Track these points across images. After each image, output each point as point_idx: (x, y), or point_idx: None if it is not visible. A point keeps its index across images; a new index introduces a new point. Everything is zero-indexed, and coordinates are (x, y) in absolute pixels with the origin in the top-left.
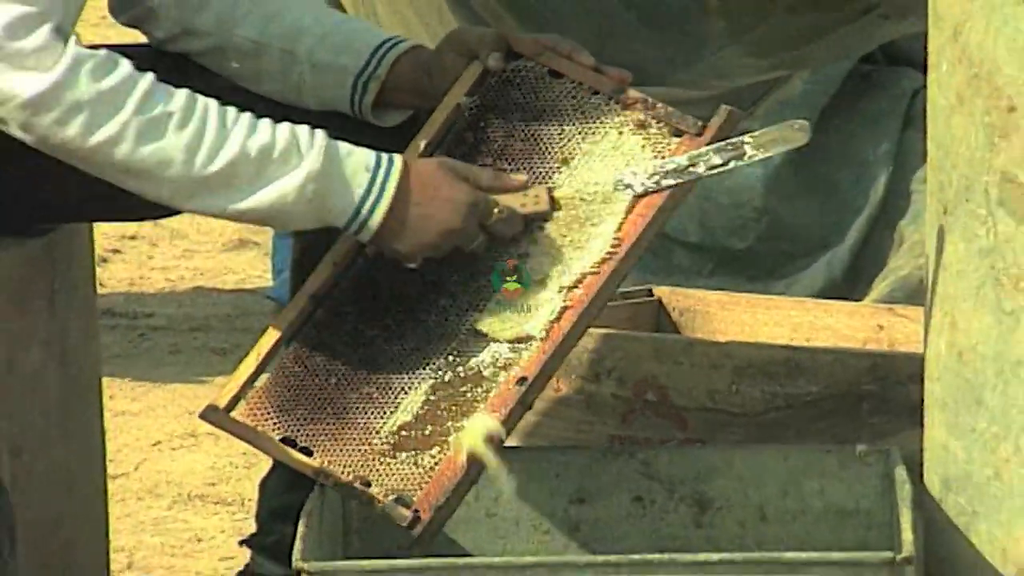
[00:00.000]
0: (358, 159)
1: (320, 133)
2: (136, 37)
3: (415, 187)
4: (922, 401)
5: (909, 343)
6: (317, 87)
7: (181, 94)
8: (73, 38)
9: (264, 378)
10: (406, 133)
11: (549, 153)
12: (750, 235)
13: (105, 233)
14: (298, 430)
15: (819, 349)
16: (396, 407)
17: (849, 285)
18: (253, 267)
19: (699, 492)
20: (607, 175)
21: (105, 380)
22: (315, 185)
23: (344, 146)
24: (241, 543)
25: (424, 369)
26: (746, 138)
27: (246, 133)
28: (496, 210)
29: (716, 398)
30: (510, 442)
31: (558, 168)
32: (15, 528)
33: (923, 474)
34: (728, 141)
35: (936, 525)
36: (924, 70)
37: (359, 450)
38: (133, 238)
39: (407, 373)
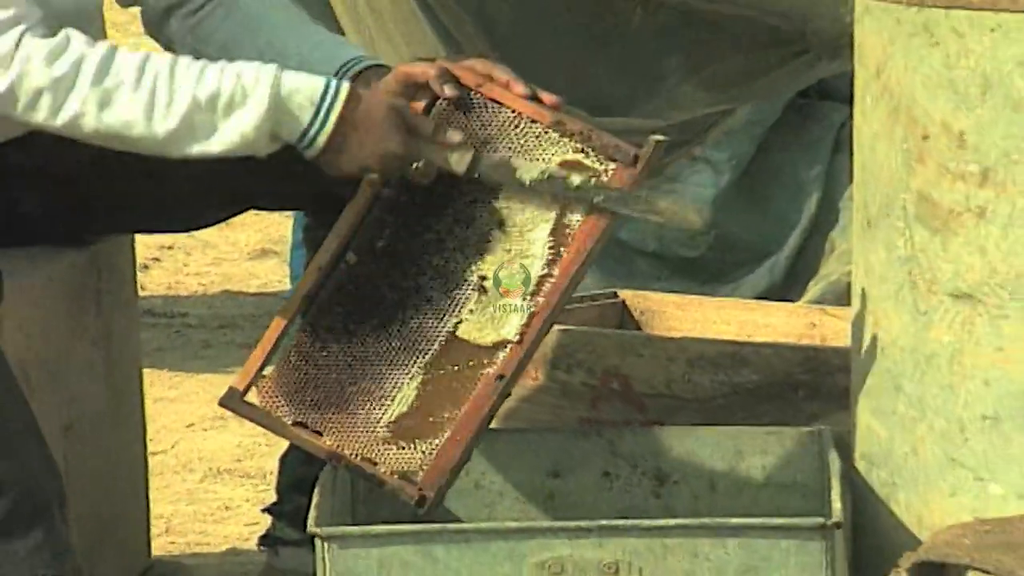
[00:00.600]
0: (305, 94)
1: (267, 71)
2: None
3: (359, 117)
4: (849, 389)
5: (838, 338)
6: None
7: (133, 59)
8: (28, 32)
9: (271, 368)
10: None
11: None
12: (701, 246)
13: (145, 243)
14: (308, 415)
15: (760, 343)
16: (392, 399)
17: (786, 288)
18: (274, 273)
19: (658, 467)
20: (546, 198)
21: (145, 371)
22: (268, 122)
23: (290, 81)
24: (263, 511)
25: (412, 367)
26: (659, 204)
27: (194, 85)
28: (419, 162)
29: (672, 386)
30: (494, 425)
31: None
32: (66, 498)
33: (851, 452)
34: (646, 199)
35: (862, 495)
36: (850, 103)
37: (364, 436)
38: (170, 248)
39: (397, 369)
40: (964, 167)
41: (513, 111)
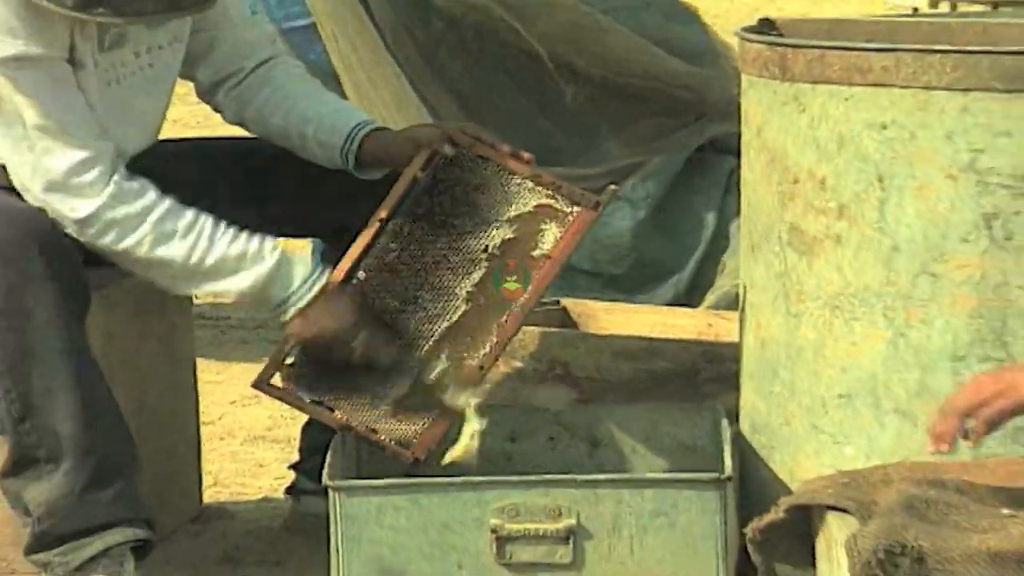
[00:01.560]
0: (290, 275)
1: (276, 251)
2: None
3: (326, 303)
4: (738, 374)
5: (729, 336)
6: (321, 156)
7: (187, 215)
8: (116, 175)
9: (292, 359)
10: (380, 182)
11: (483, 217)
12: (625, 264)
13: None
14: (323, 396)
15: (669, 339)
16: (392, 385)
17: (689, 298)
18: None
19: (591, 435)
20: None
21: (198, 361)
22: (261, 286)
23: (286, 262)
24: (289, 468)
25: (410, 361)
26: None
27: (227, 245)
28: (359, 350)
29: (601, 372)
30: None
31: (489, 228)
32: (139, 460)
33: (738, 422)
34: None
35: (747, 456)
36: (738, 155)
37: (369, 412)
38: None
39: (398, 363)
40: (825, 204)
41: (499, 165)
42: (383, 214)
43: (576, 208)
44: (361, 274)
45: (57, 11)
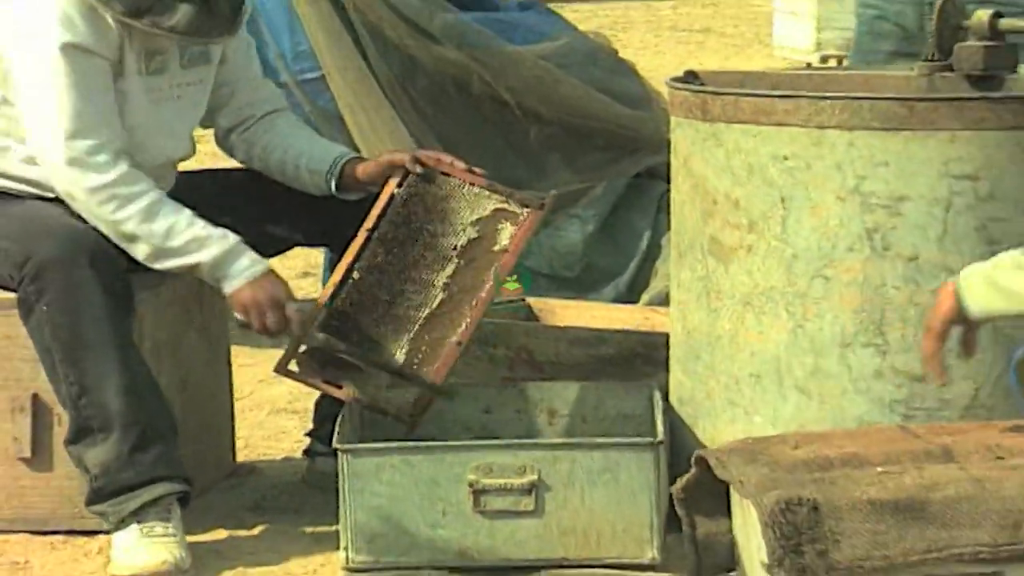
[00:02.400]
0: (241, 259)
1: (232, 238)
2: None
3: (257, 285)
4: (668, 358)
5: (662, 327)
6: (310, 183)
7: (169, 204)
8: (124, 162)
9: (304, 348)
10: (361, 203)
11: (451, 221)
12: (576, 269)
13: None
14: (331, 376)
15: (614, 330)
16: (388, 365)
17: (629, 296)
18: (312, 287)
19: (551, 407)
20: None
21: (232, 347)
22: (213, 263)
23: (237, 249)
24: (306, 434)
25: (402, 343)
26: None
27: (194, 232)
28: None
29: (559, 357)
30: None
31: (456, 230)
32: (176, 427)
33: (669, 397)
34: None
35: (675, 425)
36: (668, 181)
37: (371, 386)
38: None
39: (391, 346)
40: (738, 221)
41: (460, 179)
42: (369, 224)
43: (526, 209)
44: (356, 275)
45: (107, 12)
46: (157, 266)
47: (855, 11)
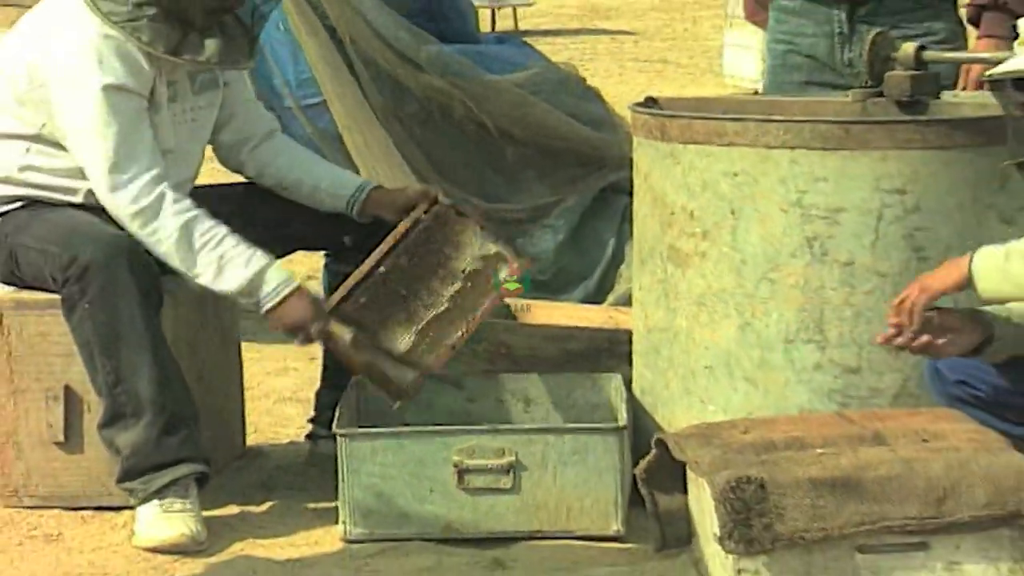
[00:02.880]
0: (272, 277)
1: (261, 260)
2: None
3: (288, 303)
4: (631, 352)
5: (625, 325)
6: (327, 204)
7: (208, 223)
8: (163, 187)
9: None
10: (375, 225)
11: (462, 250)
12: (549, 273)
13: None
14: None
15: (582, 327)
16: (396, 352)
17: (596, 297)
18: (315, 289)
19: (527, 396)
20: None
21: (242, 343)
22: (249, 286)
23: (270, 270)
24: (309, 421)
25: (409, 335)
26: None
27: (229, 251)
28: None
29: (535, 351)
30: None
31: (465, 258)
32: (198, 415)
33: (631, 387)
34: None
35: (637, 412)
36: (630, 195)
37: (380, 362)
38: None
39: (396, 343)
40: (693, 230)
41: (475, 223)
42: (399, 233)
43: (514, 264)
44: (382, 269)
45: (148, 51)
46: (195, 283)
47: (766, 46)
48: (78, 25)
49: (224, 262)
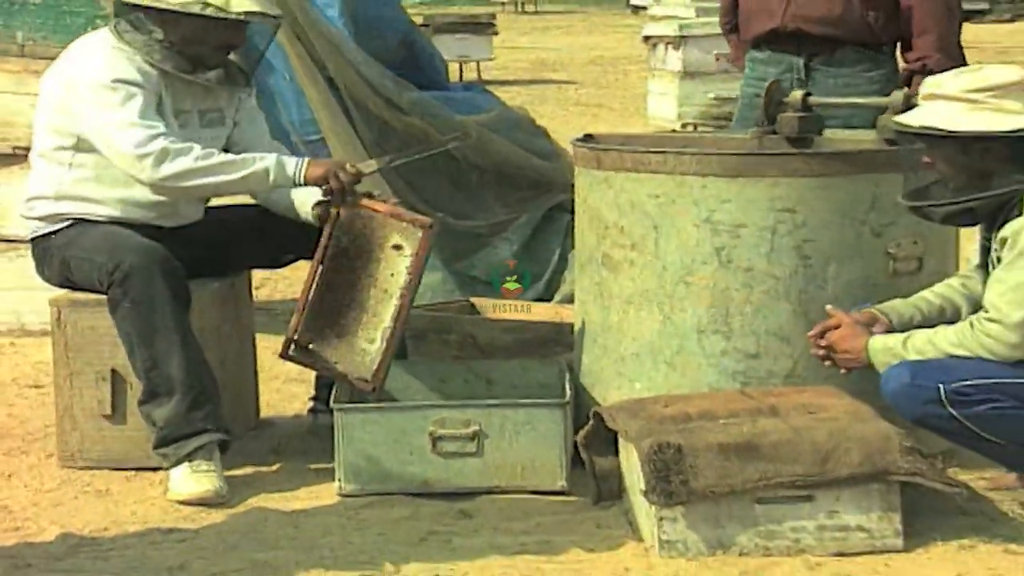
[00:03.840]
0: (290, 161)
1: (274, 157)
2: None
3: (314, 165)
4: (573, 342)
5: (569, 319)
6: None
7: (214, 151)
8: (173, 137)
9: (291, 348)
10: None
11: (379, 248)
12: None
13: (256, 275)
14: (311, 358)
15: (534, 321)
16: (354, 347)
17: (545, 296)
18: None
19: (490, 377)
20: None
21: (257, 335)
22: (274, 171)
23: (286, 159)
24: (310, 399)
25: (361, 343)
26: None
27: (246, 157)
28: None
29: (494, 341)
30: (415, 359)
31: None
32: (220, 393)
33: (573, 370)
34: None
35: (578, 391)
36: (572, 213)
37: (353, 367)
38: (268, 278)
39: (361, 337)
40: (623, 242)
41: (375, 210)
42: (320, 255)
43: (421, 232)
44: (314, 288)
45: (161, 68)
46: (229, 191)
47: (740, 90)
48: (103, 43)
49: (245, 160)
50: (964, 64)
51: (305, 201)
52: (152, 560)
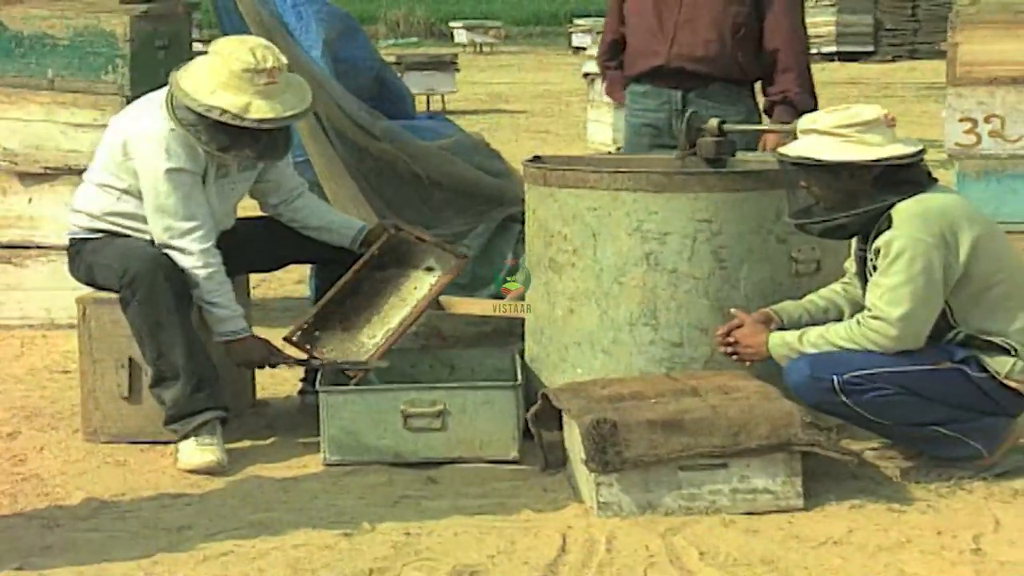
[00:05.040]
0: (237, 323)
1: (238, 315)
2: None
3: (246, 343)
4: (524, 333)
5: (521, 314)
6: (337, 241)
7: (222, 275)
8: (210, 241)
9: (298, 333)
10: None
11: (413, 268)
12: (467, 278)
13: (253, 277)
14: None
15: (491, 315)
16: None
17: (500, 295)
18: (307, 289)
19: (452, 364)
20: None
21: (254, 328)
22: (222, 323)
23: (240, 321)
24: (300, 381)
25: (366, 332)
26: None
27: (223, 299)
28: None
29: (457, 332)
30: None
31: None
32: (220, 376)
33: (524, 357)
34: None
35: (529, 375)
36: (523, 223)
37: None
38: (264, 280)
39: (364, 332)
40: (567, 248)
41: (422, 239)
42: (353, 272)
43: (455, 260)
44: (345, 292)
45: (208, 151)
46: (198, 297)
47: (625, 120)
48: (158, 119)
49: (217, 304)
50: (815, 94)
51: (348, 225)
52: (163, 520)
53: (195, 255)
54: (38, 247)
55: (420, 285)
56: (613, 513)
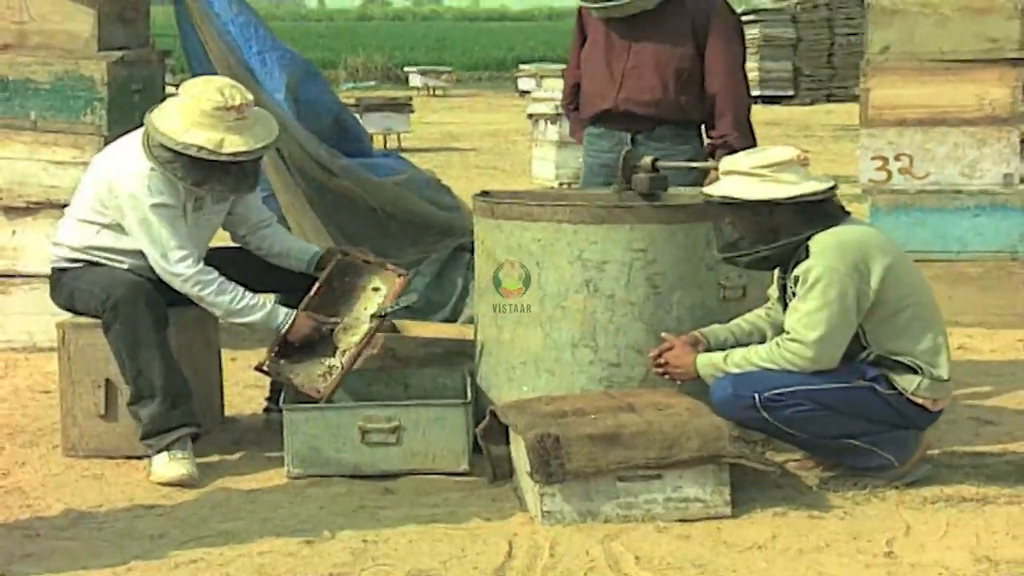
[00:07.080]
0: (278, 316)
1: (271, 306)
2: None
3: (298, 321)
4: (474, 354)
5: (470, 336)
6: (296, 266)
7: (230, 285)
8: (200, 263)
9: (270, 358)
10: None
11: (362, 289)
12: (421, 303)
13: None
14: (285, 374)
15: (442, 338)
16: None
17: (451, 318)
18: None
19: (407, 383)
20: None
21: (223, 349)
22: (264, 321)
23: (279, 309)
24: (265, 399)
25: (325, 361)
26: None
27: (247, 301)
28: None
29: (411, 353)
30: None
31: (368, 287)
32: (192, 395)
33: (475, 376)
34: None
35: (479, 392)
36: (472, 252)
37: (309, 380)
38: None
39: (322, 356)
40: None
41: (367, 261)
42: (310, 294)
43: (400, 279)
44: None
45: (185, 186)
46: (229, 321)
47: (583, 159)
48: (138, 160)
49: (243, 311)
50: (754, 137)
51: (304, 251)
52: (138, 530)
53: (191, 279)
54: (21, 276)
55: (369, 304)
56: (556, 521)
